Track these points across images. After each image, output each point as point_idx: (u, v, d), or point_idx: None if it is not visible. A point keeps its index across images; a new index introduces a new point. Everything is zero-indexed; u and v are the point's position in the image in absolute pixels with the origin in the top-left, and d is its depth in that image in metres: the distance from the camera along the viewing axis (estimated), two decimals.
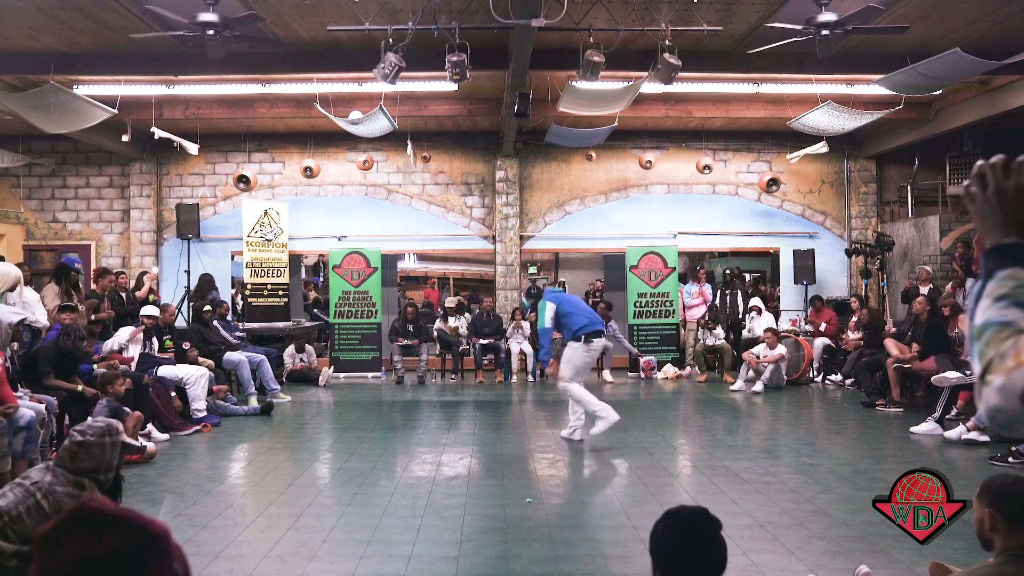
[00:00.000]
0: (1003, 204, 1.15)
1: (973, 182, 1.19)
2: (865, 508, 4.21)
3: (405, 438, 7.07)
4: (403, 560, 3.78)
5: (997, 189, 1.15)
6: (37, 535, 1.02)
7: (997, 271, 1.11)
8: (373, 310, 11.45)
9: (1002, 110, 9.31)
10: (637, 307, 11.46)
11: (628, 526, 4.32)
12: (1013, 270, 1.10)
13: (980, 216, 1.17)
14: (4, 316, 5.63)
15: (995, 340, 1.05)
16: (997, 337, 1.05)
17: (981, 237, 1.18)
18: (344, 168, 12.31)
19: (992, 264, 1.13)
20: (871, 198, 12.52)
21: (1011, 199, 1.14)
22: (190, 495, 5.04)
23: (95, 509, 1.01)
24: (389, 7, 7.04)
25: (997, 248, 1.13)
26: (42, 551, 1.00)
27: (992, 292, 1.09)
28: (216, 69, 8.48)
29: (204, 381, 7.64)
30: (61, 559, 0.98)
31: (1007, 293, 1.08)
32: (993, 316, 1.07)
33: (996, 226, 1.15)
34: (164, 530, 1.03)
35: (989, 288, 1.10)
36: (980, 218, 1.17)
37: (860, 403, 8.49)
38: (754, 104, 10.67)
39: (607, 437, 6.51)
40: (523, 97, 8.34)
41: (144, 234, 12.05)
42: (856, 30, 6.73)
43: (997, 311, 1.07)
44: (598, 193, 12.41)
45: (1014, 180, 1.14)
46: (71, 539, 0.98)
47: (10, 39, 7.94)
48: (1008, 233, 1.13)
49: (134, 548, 0.99)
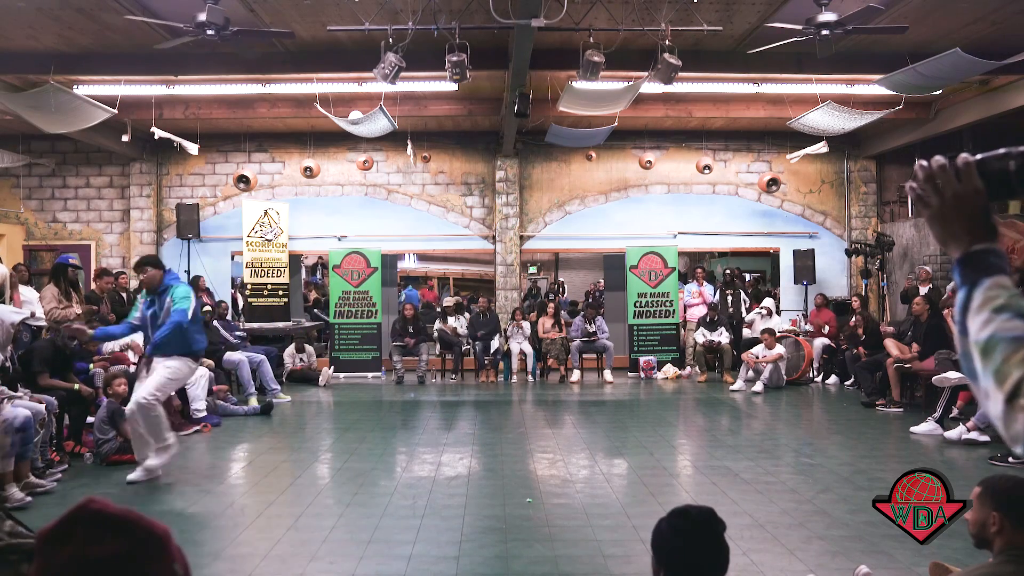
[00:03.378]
0: (964, 209, 1.12)
1: (926, 187, 1.16)
2: (865, 508, 4.21)
3: (405, 438, 7.06)
4: (403, 560, 3.78)
5: (956, 194, 1.12)
6: (39, 535, 1.02)
7: (981, 280, 1.08)
8: (373, 310, 11.44)
9: (1002, 110, 9.31)
10: (637, 307, 11.45)
11: (628, 526, 4.31)
12: (996, 278, 1.07)
13: (941, 222, 1.14)
14: (4, 316, 5.63)
15: (1016, 358, 1.01)
16: (1017, 355, 1.01)
17: (943, 243, 1.15)
18: (344, 168, 12.31)
19: (971, 273, 1.09)
20: (871, 198, 12.52)
21: (970, 203, 1.11)
22: (190, 495, 5.04)
23: (97, 509, 1.00)
24: (389, 7, 7.04)
25: (970, 255, 1.10)
26: (43, 551, 1.00)
27: (985, 303, 1.07)
28: (216, 69, 8.49)
29: (204, 381, 7.63)
30: (63, 560, 0.98)
31: (1005, 304, 1.04)
32: (1000, 330, 1.04)
33: (962, 233, 1.12)
34: (165, 531, 1.03)
35: (978, 299, 1.07)
36: (941, 224, 1.14)
37: (860, 403, 8.49)
38: (754, 104, 10.67)
39: (607, 437, 6.51)
40: (523, 97, 8.34)
41: (144, 234, 12.05)
42: (856, 30, 6.73)
43: (1001, 324, 1.04)
44: (598, 193, 12.41)
45: (970, 184, 1.12)
46: (73, 539, 0.98)
47: (10, 39, 7.94)
48: (976, 239, 1.11)
49: (136, 549, 0.99)
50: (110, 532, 0.98)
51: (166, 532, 1.03)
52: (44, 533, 1.01)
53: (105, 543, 0.97)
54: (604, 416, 8.23)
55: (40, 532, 1.02)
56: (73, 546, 0.97)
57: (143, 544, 0.99)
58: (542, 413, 8.44)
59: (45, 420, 5.45)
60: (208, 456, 6.40)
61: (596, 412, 8.52)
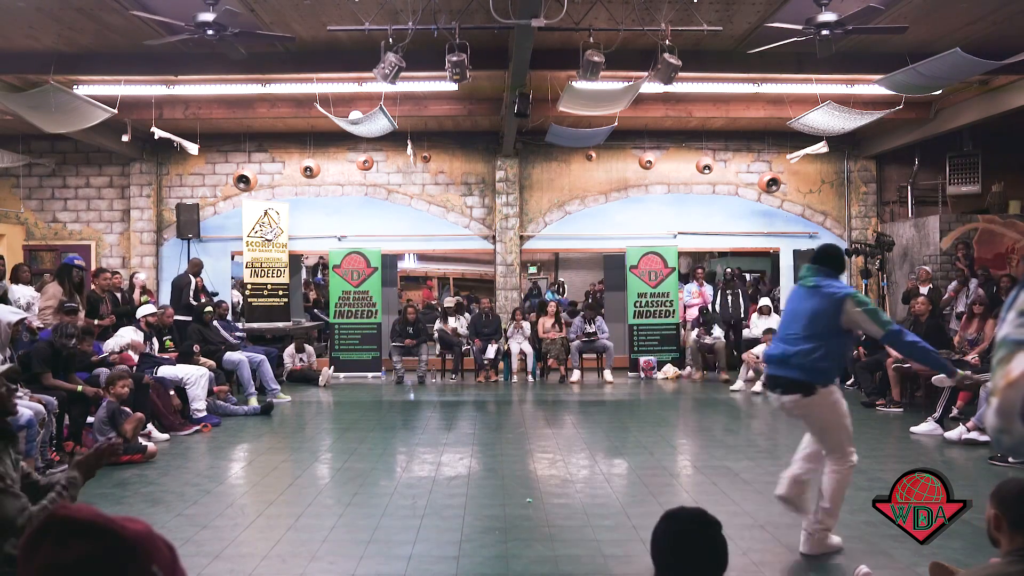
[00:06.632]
0: None
1: None
2: (865, 508, 4.21)
3: (405, 438, 7.06)
4: (403, 560, 3.78)
5: None
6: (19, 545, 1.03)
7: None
8: (373, 310, 11.45)
9: (1002, 110, 9.30)
10: (637, 307, 11.45)
11: (628, 526, 4.31)
12: None
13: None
14: (4, 316, 5.64)
15: (1005, 359, 1.03)
16: (1008, 356, 1.03)
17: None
18: (344, 168, 12.31)
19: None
20: (871, 198, 12.52)
21: None
22: (190, 495, 5.04)
23: (64, 516, 1.01)
24: (389, 7, 7.04)
25: None
26: (21, 561, 1.01)
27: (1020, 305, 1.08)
28: (216, 69, 8.49)
29: (204, 381, 7.64)
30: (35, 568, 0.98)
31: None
32: (1011, 332, 1.05)
33: None
34: (139, 534, 1.02)
35: (1020, 300, 1.09)
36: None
37: (860, 403, 8.49)
38: (754, 104, 10.67)
39: (607, 437, 6.50)
40: (523, 97, 8.34)
41: (144, 234, 12.05)
42: (856, 30, 6.73)
43: (1014, 327, 1.05)
44: (598, 193, 12.41)
45: None
46: (42, 548, 0.99)
47: (10, 39, 7.94)
48: None
49: (103, 553, 0.99)
50: (76, 536, 0.99)
51: (140, 534, 1.02)
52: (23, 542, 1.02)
53: (72, 548, 0.98)
54: (604, 416, 8.23)
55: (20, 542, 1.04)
56: (43, 554, 0.99)
57: (111, 548, 1.00)
58: (542, 413, 8.44)
59: (45, 420, 5.45)
60: (208, 456, 6.40)
61: (596, 412, 8.53)
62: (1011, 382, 0.99)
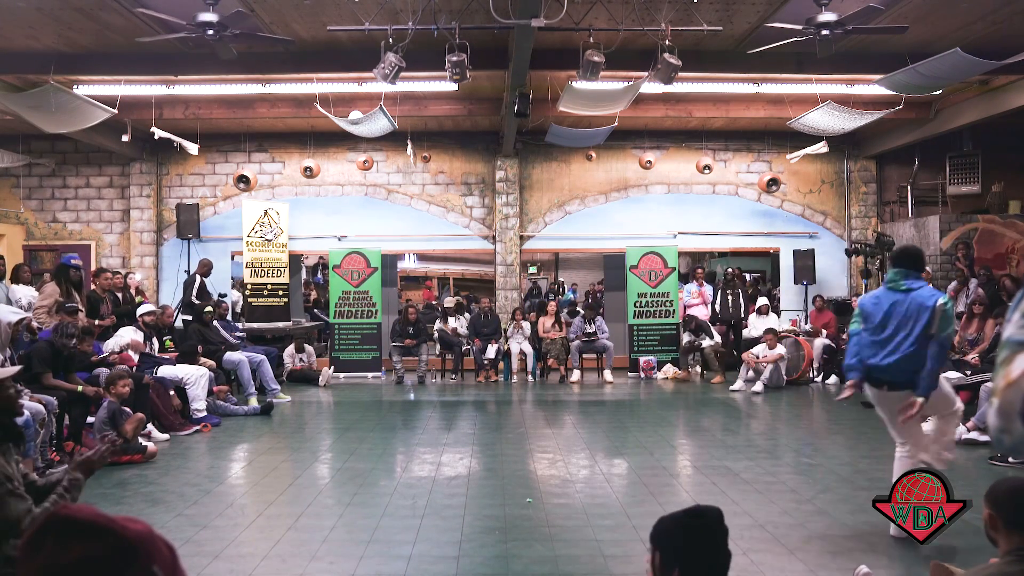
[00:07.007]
0: None
1: None
2: (865, 508, 4.21)
3: (405, 438, 7.06)
4: (403, 560, 3.78)
5: None
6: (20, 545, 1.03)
7: None
8: (373, 310, 11.45)
9: (1002, 110, 9.31)
10: (637, 307, 11.45)
11: (628, 526, 4.31)
12: None
13: None
14: (4, 316, 5.63)
15: (1006, 360, 1.03)
16: (1009, 357, 1.03)
17: None
18: (344, 168, 12.31)
19: None
20: (871, 198, 12.53)
21: None
22: (190, 495, 5.04)
23: (65, 516, 1.01)
24: (389, 7, 7.04)
25: None
26: (21, 561, 1.01)
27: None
28: (216, 69, 8.49)
29: (204, 381, 7.64)
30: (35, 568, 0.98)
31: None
32: (1015, 334, 1.05)
33: None
34: (139, 535, 1.02)
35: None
36: None
37: (861, 403, 8.48)
38: (754, 104, 10.67)
39: (607, 437, 6.50)
40: (523, 97, 8.34)
41: (144, 234, 12.05)
42: (856, 30, 6.73)
43: (1017, 328, 1.05)
44: (598, 193, 12.41)
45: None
46: (43, 549, 0.99)
47: (10, 39, 7.94)
48: None
49: (104, 554, 0.98)
50: (77, 538, 0.99)
51: (141, 536, 1.02)
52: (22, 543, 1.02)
53: (72, 549, 0.98)
54: (604, 416, 8.23)
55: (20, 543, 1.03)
56: (43, 555, 0.98)
57: (112, 549, 0.99)
58: (542, 413, 8.44)
59: (45, 420, 5.45)
60: (208, 456, 6.40)
61: (596, 412, 8.53)
62: (1011, 382, 0.99)
